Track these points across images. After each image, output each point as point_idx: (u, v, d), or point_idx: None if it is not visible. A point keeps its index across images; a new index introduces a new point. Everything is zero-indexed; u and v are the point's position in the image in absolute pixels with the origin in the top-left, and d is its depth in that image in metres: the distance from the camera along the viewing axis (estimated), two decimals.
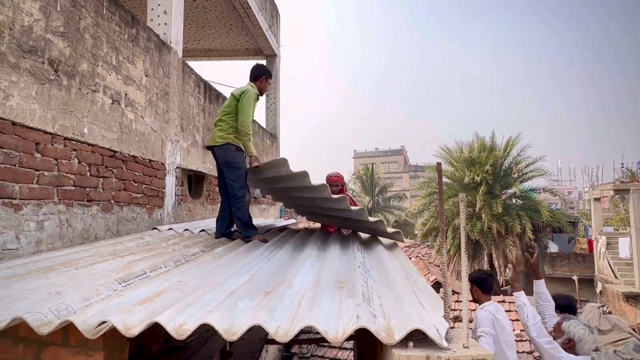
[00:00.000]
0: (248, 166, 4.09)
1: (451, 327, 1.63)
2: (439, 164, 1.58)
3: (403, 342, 1.50)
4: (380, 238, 4.06)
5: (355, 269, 2.38)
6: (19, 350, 1.83)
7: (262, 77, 4.28)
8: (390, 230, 3.65)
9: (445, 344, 1.48)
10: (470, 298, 3.69)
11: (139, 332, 1.55)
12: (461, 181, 18.23)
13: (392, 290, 2.04)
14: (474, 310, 4.07)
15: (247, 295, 1.95)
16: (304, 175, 3.33)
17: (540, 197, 20.20)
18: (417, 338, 1.57)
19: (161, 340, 4.21)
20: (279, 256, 2.99)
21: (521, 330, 9.18)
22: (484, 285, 3.63)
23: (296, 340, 5.40)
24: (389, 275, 2.35)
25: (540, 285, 3.49)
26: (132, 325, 1.58)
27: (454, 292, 12.42)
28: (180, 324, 1.58)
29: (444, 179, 20.26)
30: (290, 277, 2.26)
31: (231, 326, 1.57)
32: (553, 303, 3.49)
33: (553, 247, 17.72)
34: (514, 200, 19.04)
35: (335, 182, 4.90)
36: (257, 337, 4.17)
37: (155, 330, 3.95)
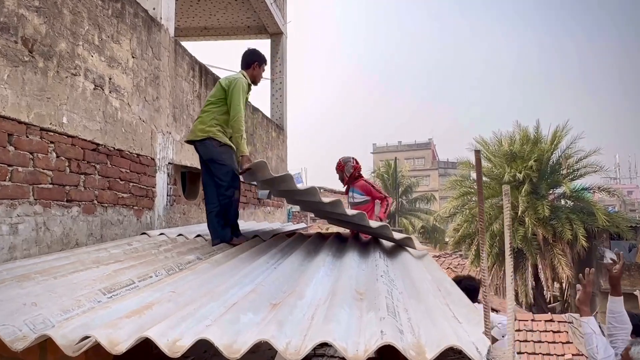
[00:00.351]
0: (239, 167, 4.18)
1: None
2: (477, 151, 1.55)
3: None
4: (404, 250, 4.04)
5: (377, 279, 2.36)
6: None
7: (254, 63, 4.33)
8: (398, 236, 3.64)
9: None
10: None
11: (126, 349, 1.55)
12: (500, 179, 18.03)
13: (421, 302, 2.02)
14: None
15: (252, 308, 1.94)
16: (287, 178, 3.39)
17: (595, 198, 19.88)
18: (453, 358, 1.54)
19: None
20: (287, 264, 2.99)
21: (574, 355, 9.06)
22: (472, 296, 3.64)
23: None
24: (417, 286, 2.33)
25: (617, 303, 3.30)
26: (118, 341, 1.58)
27: (492, 310, 12.33)
28: (174, 340, 1.58)
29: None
30: (301, 287, 2.25)
31: (233, 342, 1.56)
32: (630, 327, 3.33)
33: (610, 257, 17.42)
34: (563, 202, 18.78)
35: (339, 169, 5.24)
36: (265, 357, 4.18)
37: (145, 349, 3.98)
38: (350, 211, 3.64)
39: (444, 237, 29.68)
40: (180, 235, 4.48)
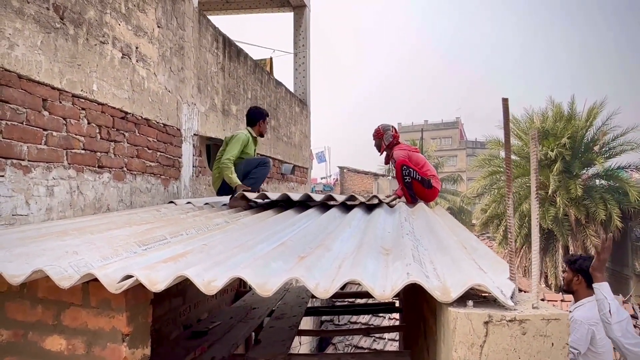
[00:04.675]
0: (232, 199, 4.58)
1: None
2: (505, 99, 1.59)
3: (460, 302, 1.55)
4: (429, 210, 4.10)
5: (403, 236, 2.44)
6: (37, 312, 2.01)
7: (259, 121, 5.07)
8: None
9: (510, 303, 1.52)
10: (566, 278, 3.67)
11: (165, 287, 1.68)
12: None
13: (447, 255, 2.09)
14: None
15: (281, 258, 2.05)
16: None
17: (633, 177, 19.40)
18: (478, 300, 1.62)
19: (180, 327, 4.45)
20: (313, 225, 3.10)
21: None
22: (590, 276, 3.38)
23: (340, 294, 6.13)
24: (443, 243, 2.40)
25: (602, 288, 3.14)
26: (157, 280, 1.71)
27: (520, 290, 12.29)
28: (209, 280, 1.70)
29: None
30: (328, 243, 2.35)
31: (265, 282, 1.67)
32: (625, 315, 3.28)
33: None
34: (597, 181, 18.40)
35: (376, 137, 5.33)
36: (287, 325, 4.33)
37: (174, 317, 4.18)
38: (316, 196, 4.35)
39: (470, 219, 29.45)
40: (206, 204, 4.63)
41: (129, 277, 1.75)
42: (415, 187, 4.89)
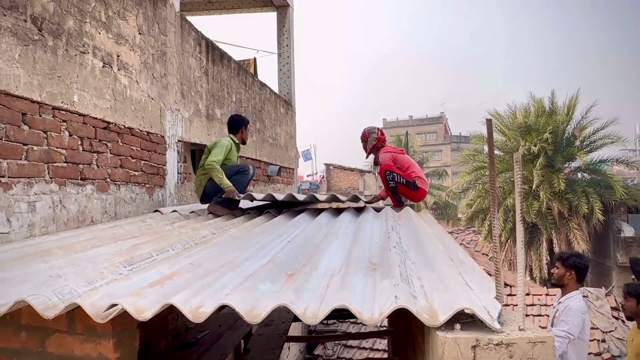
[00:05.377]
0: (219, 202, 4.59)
1: (504, 305, 1.69)
2: (489, 120, 1.60)
3: (449, 325, 1.56)
4: (415, 216, 4.12)
5: (390, 249, 2.45)
6: (21, 339, 1.98)
7: (241, 128, 5.01)
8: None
9: (497, 325, 1.53)
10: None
11: (152, 316, 1.66)
12: (515, 152, 17.91)
13: (434, 271, 2.10)
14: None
15: (269, 277, 2.04)
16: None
17: (613, 170, 19.74)
18: (465, 321, 1.63)
19: (169, 337, 4.42)
20: (301, 237, 3.09)
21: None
22: (582, 274, 3.92)
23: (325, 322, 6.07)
24: (430, 256, 2.41)
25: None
26: (144, 308, 1.69)
27: (505, 285, 12.44)
28: (196, 307, 1.68)
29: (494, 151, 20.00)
30: (316, 259, 2.35)
31: (253, 308, 1.66)
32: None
33: (628, 231, 17.37)
34: (579, 175, 18.69)
35: (363, 139, 5.36)
36: (276, 332, 4.32)
37: (163, 326, 4.13)
38: (299, 195, 4.39)
39: (456, 212, 29.75)
40: (192, 212, 4.60)
41: (115, 304, 1.73)
42: (401, 190, 4.92)
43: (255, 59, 9.87)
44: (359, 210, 4.57)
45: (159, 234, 3.32)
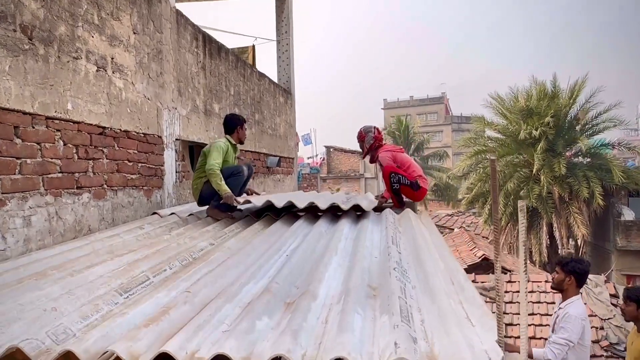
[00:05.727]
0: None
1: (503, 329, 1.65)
2: (492, 160, 1.54)
3: None
4: (415, 220, 4.08)
5: (391, 273, 2.41)
6: None
7: (236, 127, 4.89)
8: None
9: None
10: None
11: None
12: (516, 136, 17.82)
13: (434, 302, 2.07)
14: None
15: (266, 310, 2.01)
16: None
17: (614, 153, 19.61)
18: None
19: None
20: (300, 252, 3.05)
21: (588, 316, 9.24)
22: (582, 279, 3.89)
23: None
24: (430, 280, 2.38)
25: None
26: (139, 353, 1.66)
27: (505, 271, 12.49)
28: (192, 352, 1.65)
29: (494, 134, 19.88)
30: (314, 285, 2.31)
31: (250, 354, 1.63)
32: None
33: (628, 214, 17.33)
34: (580, 159, 18.59)
35: (359, 139, 5.26)
36: None
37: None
38: (298, 200, 4.36)
39: (457, 195, 29.71)
40: (191, 215, 4.56)
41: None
42: (404, 191, 4.86)
43: (253, 46, 9.71)
44: (359, 213, 4.52)
45: (156, 246, 3.28)
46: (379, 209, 4.78)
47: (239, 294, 2.27)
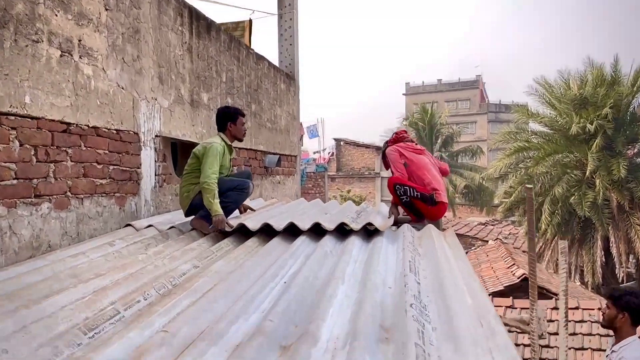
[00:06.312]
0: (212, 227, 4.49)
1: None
2: (529, 189, 1.52)
3: None
4: (438, 240, 4.08)
5: (407, 310, 2.41)
6: None
7: (229, 123, 4.86)
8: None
9: None
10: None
11: None
12: (566, 131, 17.72)
13: (458, 351, 2.07)
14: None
15: (258, 356, 2.02)
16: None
17: None
18: None
19: None
20: (301, 278, 3.06)
21: None
22: (638, 316, 3.85)
23: None
24: (455, 321, 2.37)
25: None
26: None
27: (551, 294, 12.42)
28: None
29: (540, 127, 19.79)
30: (316, 324, 2.32)
31: None
32: None
33: None
34: None
35: (383, 161, 5.44)
36: None
37: None
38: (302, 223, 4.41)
39: (492, 200, 29.59)
40: (172, 227, 4.58)
41: None
42: (417, 205, 4.82)
43: (250, 21, 9.71)
44: (372, 227, 4.52)
45: (129, 269, 3.31)
46: (397, 224, 4.79)
47: (226, 334, 2.28)
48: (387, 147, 5.25)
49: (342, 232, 4.43)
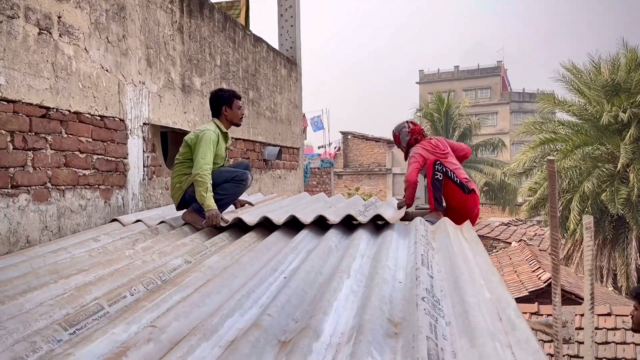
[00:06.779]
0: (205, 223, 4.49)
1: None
2: (551, 161, 1.52)
3: None
4: (454, 235, 4.07)
5: (418, 303, 2.41)
6: None
7: (224, 107, 4.84)
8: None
9: None
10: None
11: None
12: (596, 120, 17.68)
13: (474, 345, 2.06)
14: None
15: (255, 351, 2.02)
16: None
17: None
18: None
19: None
20: (302, 272, 3.06)
21: None
22: None
23: None
24: (471, 313, 2.37)
25: None
26: None
27: (579, 299, 12.39)
28: None
29: (567, 117, 19.75)
30: (318, 317, 2.32)
31: None
32: None
33: None
34: None
35: (396, 143, 5.67)
36: None
37: None
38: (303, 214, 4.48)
39: (516, 197, 29.54)
40: (162, 222, 4.60)
41: None
42: (451, 192, 4.89)
43: (247, 0, 9.73)
44: (381, 222, 4.53)
45: (114, 265, 3.32)
46: (422, 214, 4.86)
47: (220, 329, 2.29)
48: (407, 133, 5.35)
49: (349, 226, 4.44)
